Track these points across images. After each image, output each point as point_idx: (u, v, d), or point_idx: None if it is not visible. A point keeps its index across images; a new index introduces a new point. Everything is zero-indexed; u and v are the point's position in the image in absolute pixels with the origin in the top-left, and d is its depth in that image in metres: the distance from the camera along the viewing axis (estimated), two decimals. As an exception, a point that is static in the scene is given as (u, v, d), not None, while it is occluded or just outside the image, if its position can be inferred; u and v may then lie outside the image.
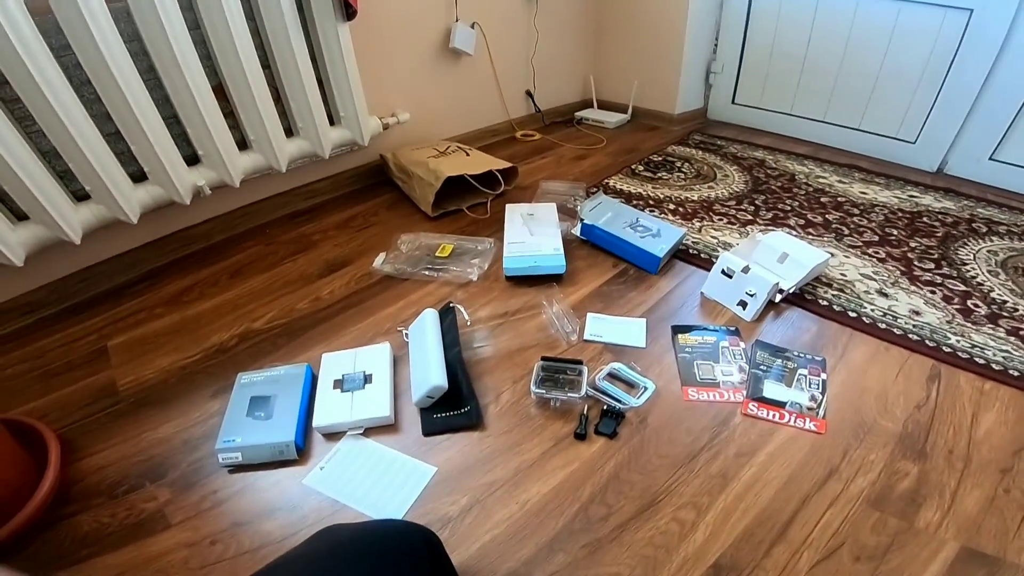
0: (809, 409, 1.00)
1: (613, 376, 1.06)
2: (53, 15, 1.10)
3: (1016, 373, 1.08)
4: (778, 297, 1.23)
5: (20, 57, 1.05)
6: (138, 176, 1.35)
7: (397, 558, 0.52)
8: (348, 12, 1.48)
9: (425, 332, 1.10)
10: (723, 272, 1.23)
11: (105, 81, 1.19)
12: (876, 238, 1.55)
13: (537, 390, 1.01)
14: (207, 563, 0.80)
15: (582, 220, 1.45)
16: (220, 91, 1.39)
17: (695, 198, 1.78)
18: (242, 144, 1.50)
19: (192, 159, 1.43)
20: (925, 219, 1.66)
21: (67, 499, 0.90)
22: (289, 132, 1.58)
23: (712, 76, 2.49)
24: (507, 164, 1.73)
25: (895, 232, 1.58)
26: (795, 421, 0.98)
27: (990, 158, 1.91)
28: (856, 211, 1.71)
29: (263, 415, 0.96)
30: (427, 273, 1.39)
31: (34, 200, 1.17)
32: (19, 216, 1.22)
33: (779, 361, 1.09)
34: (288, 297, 1.35)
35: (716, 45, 2.42)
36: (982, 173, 1.95)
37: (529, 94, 2.41)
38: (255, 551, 0.81)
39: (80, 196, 1.29)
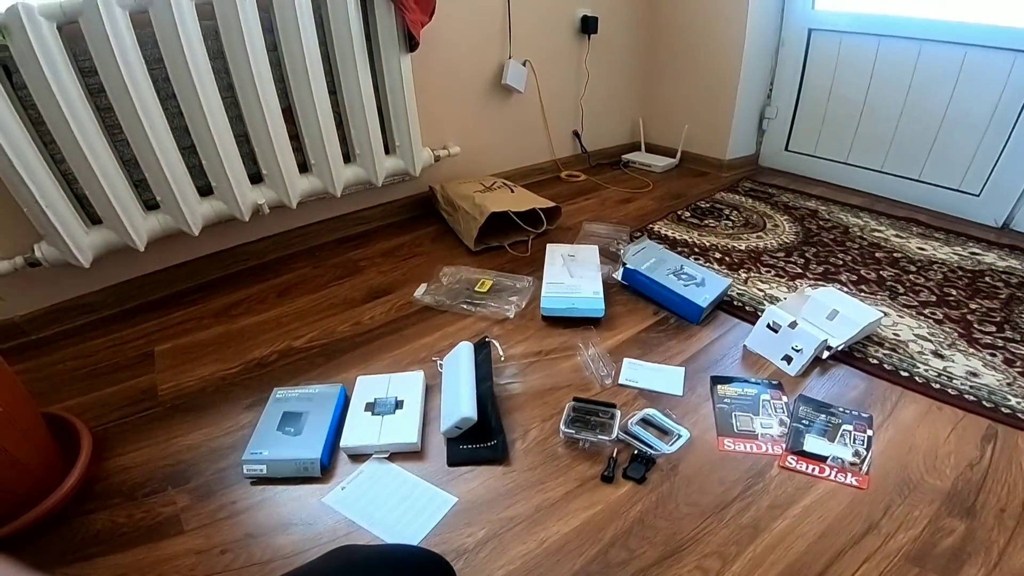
0: (852, 464, 0.95)
1: (646, 422, 1.03)
2: (152, 29, 1.19)
3: None
4: (825, 354, 1.18)
5: (119, 67, 1.15)
6: (204, 190, 1.43)
7: None
8: (411, 44, 1.55)
9: (459, 364, 1.11)
10: (768, 326, 1.20)
11: (188, 96, 1.28)
12: (933, 298, 1.48)
13: (566, 430, 1.00)
14: (213, 571, 0.80)
15: (624, 264, 1.45)
16: (288, 113, 1.47)
17: (742, 247, 1.75)
18: (303, 167, 1.56)
19: (255, 178, 1.49)
20: (988, 279, 1.58)
21: (89, 496, 0.93)
22: (347, 158, 1.64)
23: (765, 122, 2.46)
24: (550, 203, 1.75)
25: (954, 292, 1.51)
26: (835, 476, 0.94)
27: (1061, 214, 1.81)
28: (913, 268, 1.64)
29: (293, 431, 0.98)
30: (465, 307, 1.41)
31: (110, 206, 1.26)
32: (93, 220, 1.31)
33: (823, 416, 1.05)
34: (331, 319, 1.38)
35: (771, 90, 2.39)
36: (1052, 230, 1.84)
37: (576, 134, 2.44)
38: (264, 564, 0.81)
39: (150, 205, 1.37)
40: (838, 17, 2.10)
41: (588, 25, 2.18)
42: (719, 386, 1.13)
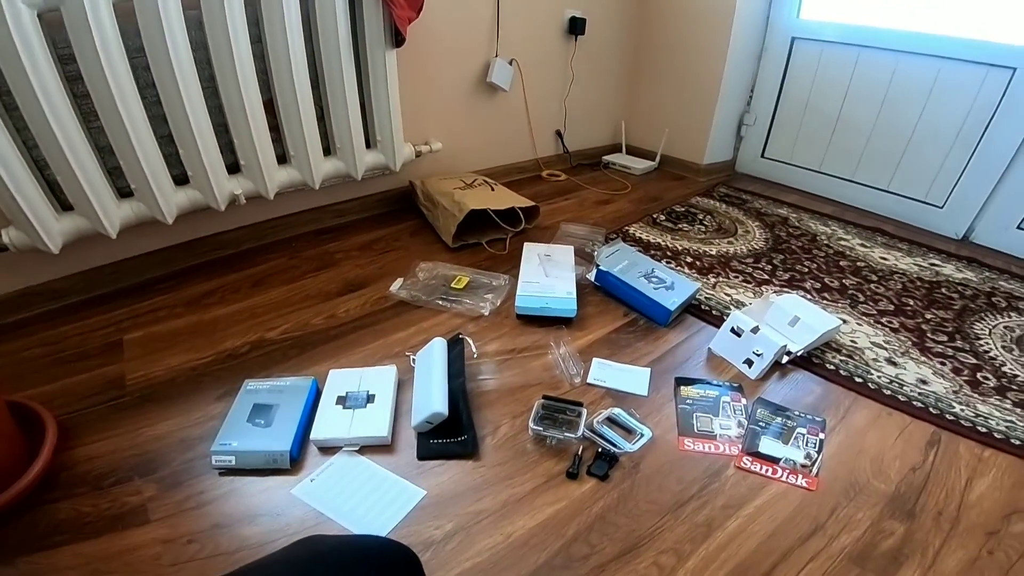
0: (803, 466, 1.00)
1: (612, 421, 1.07)
2: (135, 17, 1.18)
3: (1017, 442, 1.08)
4: (785, 359, 1.23)
5: (99, 57, 1.14)
6: (180, 179, 1.42)
7: (376, 573, 0.53)
8: (398, 39, 1.56)
9: (432, 359, 1.13)
10: (732, 330, 1.25)
11: (168, 85, 1.27)
12: (892, 307, 1.54)
13: (535, 427, 1.03)
14: (179, 561, 0.81)
15: (598, 266, 1.48)
16: (269, 105, 1.47)
17: (713, 252, 1.80)
18: (281, 158, 1.56)
19: (233, 168, 1.49)
20: (944, 289, 1.65)
21: (53, 485, 0.92)
22: (327, 151, 1.64)
23: (744, 128, 2.52)
24: (530, 202, 1.78)
25: (911, 302, 1.57)
26: (787, 477, 0.98)
27: (1018, 227, 1.89)
28: (874, 277, 1.70)
29: (263, 422, 0.99)
30: (441, 303, 1.43)
31: (82, 193, 1.24)
32: (64, 207, 1.29)
33: (779, 419, 1.09)
34: (305, 311, 1.39)
35: (751, 97, 2.45)
36: (1009, 243, 1.92)
37: (559, 134, 2.47)
38: (231, 554, 0.82)
39: (124, 193, 1.36)
40: (822, 27, 2.16)
41: (576, 26, 2.21)
42: (682, 387, 1.17)
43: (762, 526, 0.90)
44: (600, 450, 1.00)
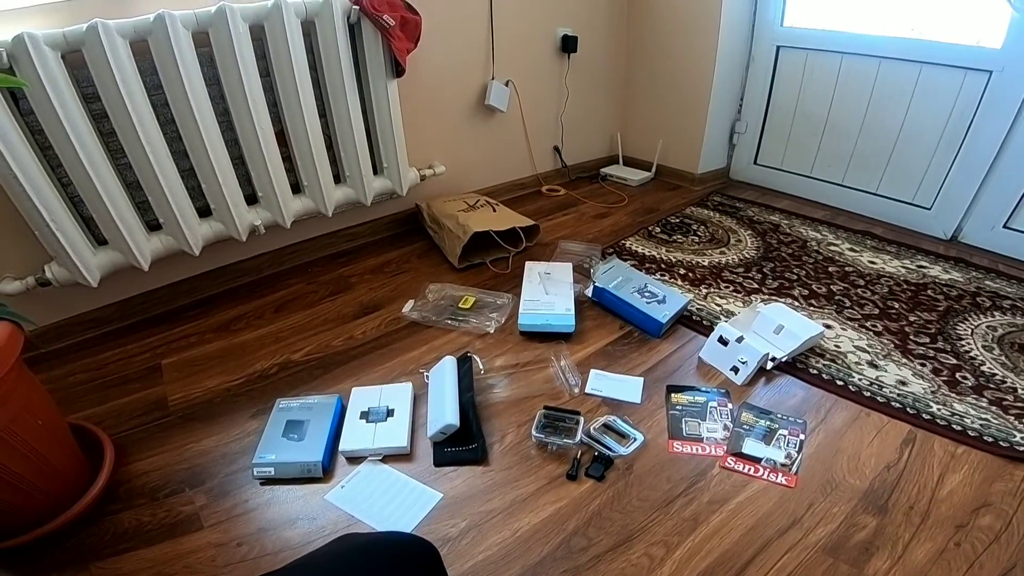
0: (783, 465, 1.13)
1: (607, 427, 1.21)
2: (151, 56, 1.32)
3: (991, 439, 1.19)
4: (770, 365, 1.37)
5: (121, 94, 1.28)
6: (203, 211, 1.56)
7: (405, 564, 0.64)
8: (398, 70, 1.70)
9: (444, 376, 1.28)
10: (719, 340, 1.38)
11: (187, 120, 1.41)
12: (877, 311, 1.66)
13: (537, 434, 1.17)
14: (231, 562, 0.96)
15: (594, 283, 1.62)
16: (281, 137, 1.60)
17: (706, 263, 1.92)
18: (296, 188, 1.71)
19: (251, 199, 1.63)
20: (930, 291, 1.76)
21: (114, 498, 1.08)
22: (337, 179, 1.78)
23: (736, 136, 2.63)
24: (530, 221, 1.93)
25: (896, 305, 1.69)
26: (768, 475, 1.11)
27: (1004, 226, 1.99)
28: (861, 282, 1.82)
29: (296, 437, 1.14)
30: (450, 322, 1.57)
31: (115, 227, 1.39)
32: (100, 241, 1.45)
33: (763, 422, 1.23)
34: (326, 334, 1.54)
35: (741, 105, 2.56)
36: (995, 242, 2.02)
37: (557, 149, 2.61)
38: (276, 554, 0.97)
39: (153, 227, 1.51)
40: (805, 34, 2.26)
41: (568, 44, 2.34)
42: (673, 394, 1.31)
43: (744, 520, 1.02)
44: (597, 454, 1.14)
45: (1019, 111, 1.84)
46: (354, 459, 1.15)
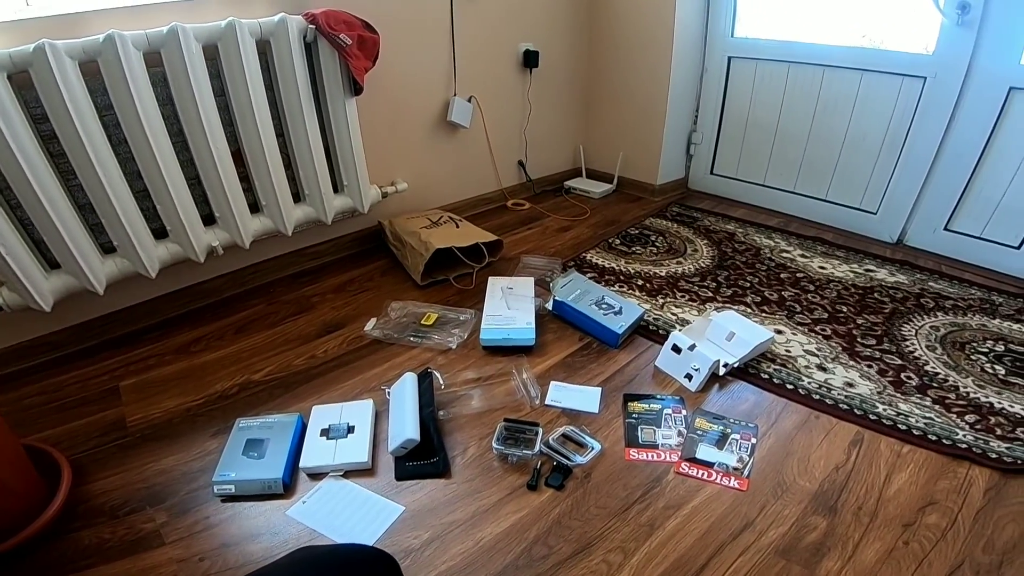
0: (735, 469, 1.19)
1: (566, 437, 1.26)
2: (101, 76, 1.32)
3: (934, 438, 1.27)
4: (722, 371, 1.43)
5: (70, 115, 1.27)
6: (159, 233, 1.56)
7: (360, 573, 0.66)
8: (356, 88, 1.74)
9: (404, 392, 1.32)
10: (673, 348, 1.45)
11: (139, 141, 1.40)
12: (826, 315, 1.75)
13: (497, 446, 1.22)
14: (194, 576, 0.98)
15: (554, 297, 1.68)
16: (237, 156, 1.62)
17: (663, 274, 2.00)
18: (254, 207, 1.72)
19: (208, 219, 1.64)
20: (876, 295, 1.87)
21: (74, 517, 1.09)
22: (297, 198, 1.80)
23: (692, 147, 2.74)
24: (493, 237, 1.99)
25: (845, 309, 1.79)
26: (721, 479, 1.17)
27: (945, 228, 2.12)
28: (812, 287, 1.92)
29: (256, 455, 1.17)
30: (412, 339, 1.61)
31: (67, 250, 1.38)
32: (52, 264, 1.44)
33: (716, 427, 1.29)
34: (287, 354, 1.57)
35: (696, 116, 2.67)
36: (938, 244, 2.15)
37: (521, 164, 2.68)
38: (238, 568, 0.99)
39: (107, 249, 1.51)
40: (754, 44, 2.38)
41: (530, 59, 2.42)
42: (630, 403, 1.37)
43: (698, 524, 1.08)
44: (556, 463, 1.19)
45: (952, 115, 1.97)
46: (315, 475, 1.17)
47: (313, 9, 1.59)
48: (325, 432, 1.24)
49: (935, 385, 1.44)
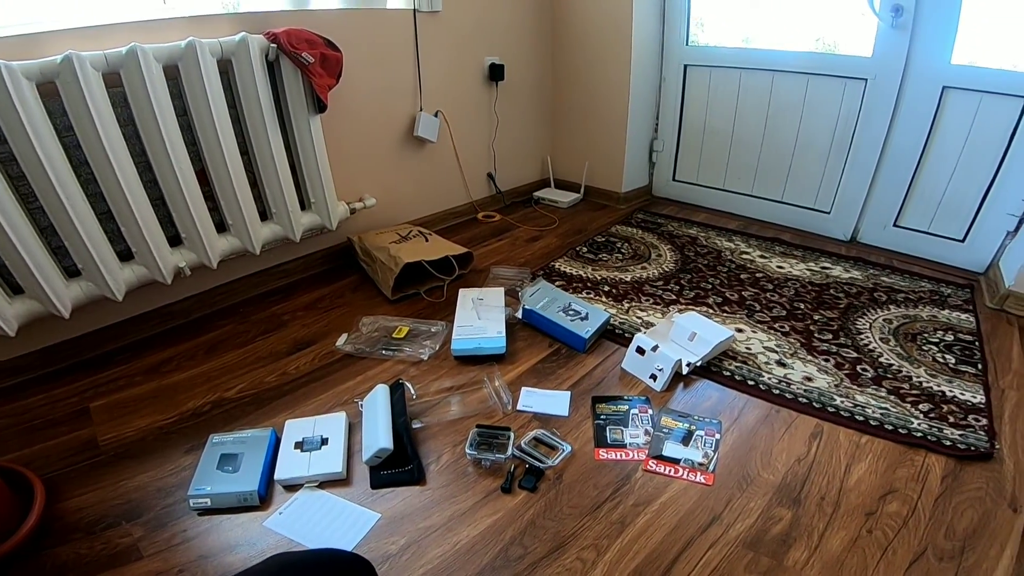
0: (701, 465, 1.25)
1: (537, 440, 1.31)
2: (60, 98, 1.33)
3: (891, 427, 1.35)
4: (686, 370, 1.50)
5: (28, 136, 1.27)
6: (125, 255, 1.57)
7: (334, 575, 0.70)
8: (320, 106, 1.77)
9: (377, 403, 1.36)
10: (637, 350, 1.52)
11: (101, 162, 1.40)
12: (784, 313, 1.85)
13: (471, 452, 1.26)
14: (173, 587, 1.01)
15: (523, 305, 1.74)
16: (202, 176, 1.64)
17: (628, 279, 2.08)
18: (220, 227, 1.73)
19: (174, 240, 1.65)
20: (832, 291, 1.98)
21: (49, 534, 1.11)
22: (264, 216, 1.82)
23: (655, 155, 2.86)
24: (463, 249, 2.04)
25: (802, 306, 1.88)
26: (687, 475, 1.23)
27: (895, 225, 2.25)
28: (770, 286, 2.02)
29: (231, 469, 1.20)
30: (384, 353, 1.65)
31: (30, 275, 1.38)
32: (15, 289, 1.44)
33: (681, 425, 1.36)
34: (259, 371, 1.59)
35: (657, 124, 2.79)
36: (888, 239, 2.28)
37: (490, 176, 2.75)
38: (216, 578, 1.02)
39: (71, 273, 1.51)
40: (708, 52, 2.49)
41: (496, 73, 2.50)
42: (598, 405, 1.43)
43: (667, 520, 1.13)
44: (528, 466, 1.24)
45: (893, 116, 2.10)
46: (291, 487, 1.21)
47: (275, 28, 1.64)
48: (299, 445, 1.27)
49: (890, 376, 1.53)
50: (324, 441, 1.28)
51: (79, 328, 1.64)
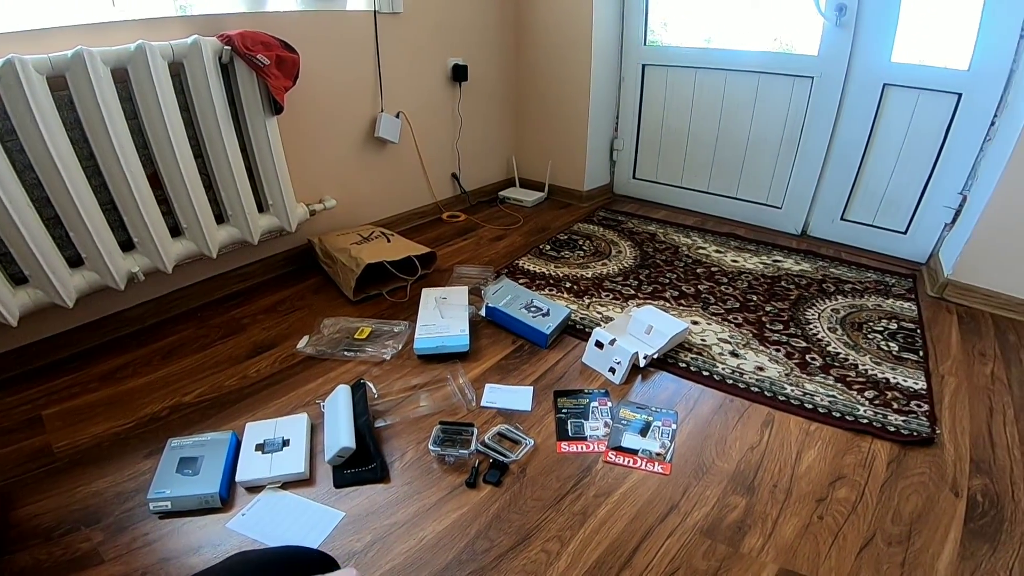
0: (658, 455, 1.29)
1: (501, 435, 1.34)
2: (2, 101, 1.29)
3: (838, 415, 1.41)
4: (643, 363, 1.55)
5: None
6: (75, 261, 1.53)
7: (294, 571, 0.69)
8: (276, 108, 1.76)
9: (338, 404, 1.36)
10: (596, 344, 1.56)
11: (46, 166, 1.37)
12: (738, 305, 1.91)
13: (434, 448, 1.28)
14: (135, 591, 1.00)
15: (487, 303, 1.77)
16: (154, 179, 1.61)
17: (589, 275, 2.13)
18: (175, 231, 1.71)
19: (127, 245, 1.62)
20: (783, 283, 2.06)
21: (6, 541, 1.09)
22: (220, 219, 1.80)
23: (615, 153, 2.93)
24: (426, 249, 2.05)
25: (755, 298, 1.95)
26: (645, 465, 1.27)
27: (841, 218, 2.35)
28: (725, 280, 2.09)
29: (191, 472, 1.19)
30: (346, 354, 1.65)
31: None
32: (-42, 299, 1.39)
33: (640, 416, 1.40)
34: (218, 375, 1.58)
35: (617, 123, 2.85)
36: (836, 232, 2.39)
37: (455, 176, 2.77)
38: (181, 581, 1.01)
39: (18, 280, 1.47)
40: (665, 51, 2.56)
41: (459, 73, 2.52)
42: (560, 399, 1.46)
43: (627, 510, 1.17)
44: (493, 461, 1.26)
45: (838, 113, 2.20)
46: (253, 488, 1.20)
47: (229, 31, 1.63)
48: (260, 447, 1.27)
49: (837, 364, 1.60)
50: (285, 442, 1.28)
51: (29, 336, 1.59)
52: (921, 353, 1.66)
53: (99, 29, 1.50)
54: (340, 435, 1.25)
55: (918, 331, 1.77)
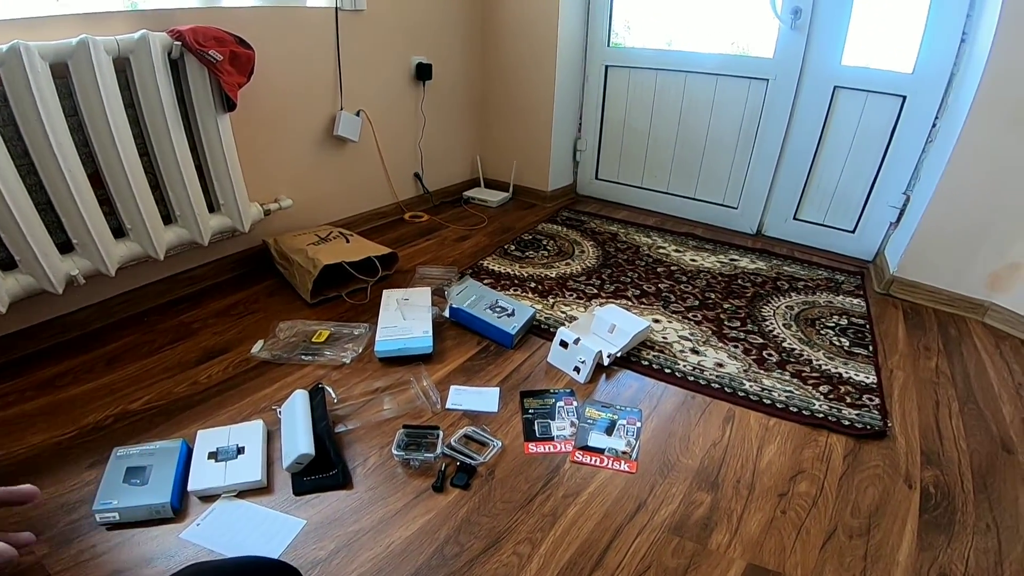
0: (623, 453, 1.29)
1: (468, 437, 1.31)
2: None
3: (795, 409, 1.44)
4: (607, 361, 1.55)
5: None
6: (7, 263, 1.44)
7: None
8: (229, 104, 1.70)
9: (295, 409, 1.32)
10: (560, 343, 1.55)
11: None
12: (697, 303, 1.95)
13: (398, 453, 1.25)
14: (87, 605, 0.93)
15: (450, 304, 1.74)
16: (96, 179, 1.52)
17: (553, 275, 2.14)
18: (118, 232, 1.62)
19: (65, 247, 1.53)
20: (740, 281, 2.11)
21: None
22: (167, 220, 1.73)
23: (578, 154, 2.96)
24: (386, 250, 2.01)
25: (713, 296, 2.00)
26: (612, 464, 1.27)
27: (794, 218, 2.42)
28: (684, 278, 2.13)
29: (139, 482, 1.12)
30: (304, 358, 1.60)
31: None
32: None
33: (605, 415, 1.40)
34: (166, 382, 1.50)
35: (580, 124, 2.88)
36: (790, 232, 2.46)
37: (418, 176, 2.73)
38: (134, 595, 0.95)
39: None
40: (627, 52, 2.60)
41: (423, 72, 2.49)
42: (526, 399, 1.45)
43: (596, 509, 1.16)
44: (460, 464, 1.24)
45: (791, 114, 2.27)
46: (207, 498, 1.15)
47: (180, 26, 1.56)
48: (213, 455, 1.21)
49: (792, 360, 1.64)
50: (240, 450, 1.22)
51: (-44, 344, 1.50)
52: (871, 348, 1.71)
53: (39, 23, 1.42)
54: (298, 441, 1.21)
55: (867, 327, 1.83)
